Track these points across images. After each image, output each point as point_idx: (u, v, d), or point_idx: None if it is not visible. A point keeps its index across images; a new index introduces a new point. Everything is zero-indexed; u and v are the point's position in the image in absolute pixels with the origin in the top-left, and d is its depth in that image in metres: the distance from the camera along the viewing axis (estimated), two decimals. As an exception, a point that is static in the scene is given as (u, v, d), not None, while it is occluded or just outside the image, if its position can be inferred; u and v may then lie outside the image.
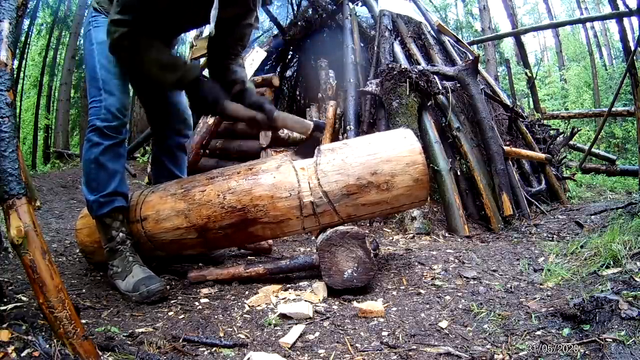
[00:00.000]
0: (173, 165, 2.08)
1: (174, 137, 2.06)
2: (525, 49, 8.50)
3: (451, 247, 2.33)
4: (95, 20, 1.76)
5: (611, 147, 11.54)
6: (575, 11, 18.68)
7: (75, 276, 1.84)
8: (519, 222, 3.02)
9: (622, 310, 1.08)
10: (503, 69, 13.97)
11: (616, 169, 6.50)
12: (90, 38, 1.75)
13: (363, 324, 1.32)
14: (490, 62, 10.50)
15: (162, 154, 2.08)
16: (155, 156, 2.12)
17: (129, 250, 1.68)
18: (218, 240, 1.75)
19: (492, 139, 3.24)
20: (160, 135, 2.07)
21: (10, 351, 1.00)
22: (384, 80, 3.24)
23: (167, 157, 2.08)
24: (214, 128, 3.98)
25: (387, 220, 2.95)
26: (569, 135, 4.99)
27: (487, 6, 11.00)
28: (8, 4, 1.16)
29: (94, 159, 1.64)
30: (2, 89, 1.08)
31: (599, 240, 1.79)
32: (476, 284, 1.62)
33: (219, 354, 1.14)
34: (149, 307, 1.50)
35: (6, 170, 1.04)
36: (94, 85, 1.68)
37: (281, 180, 1.66)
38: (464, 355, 1.08)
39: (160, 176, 2.06)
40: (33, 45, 14.08)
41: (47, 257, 1.03)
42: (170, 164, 2.08)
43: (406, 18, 4.19)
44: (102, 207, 1.65)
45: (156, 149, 2.10)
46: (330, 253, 1.56)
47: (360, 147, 1.72)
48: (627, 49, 3.74)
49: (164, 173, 2.05)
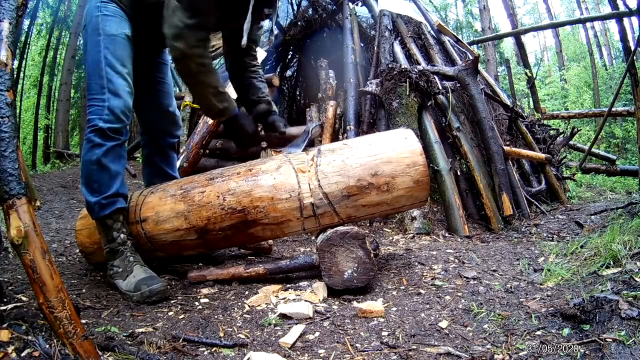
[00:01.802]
0: (165, 165, 2.11)
1: (166, 138, 2.09)
2: (525, 49, 8.50)
3: (451, 247, 2.33)
4: (105, 7, 1.68)
5: (611, 147, 11.54)
6: (575, 11, 18.70)
7: (75, 276, 1.84)
8: (519, 222, 3.02)
9: (622, 310, 1.08)
10: (503, 69, 13.97)
11: (616, 169, 6.50)
12: (97, 27, 1.66)
13: (363, 324, 1.32)
14: (490, 62, 10.50)
15: (154, 155, 2.09)
16: (147, 157, 2.13)
17: (129, 250, 1.68)
18: (218, 242, 1.75)
19: (492, 139, 3.24)
20: (153, 136, 2.09)
21: (10, 351, 1.00)
22: (384, 80, 3.24)
23: (160, 157, 2.10)
24: (213, 128, 3.98)
25: (387, 220, 2.95)
26: (569, 135, 4.99)
27: (487, 6, 11.01)
28: (8, 4, 1.16)
29: (95, 160, 1.62)
30: (2, 89, 1.08)
31: (599, 240, 1.79)
32: (476, 284, 1.62)
33: (219, 354, 1.14)
34: (149, 307, 1.50)
35: (6, 170, 1.04)
36: (97, 82, 1.63)
37: (281, 181, 1.66)
38: (464, 355, 1.08)
39: (153, 176, 2.07)
40: (33, 45, 14.06)
41: (47, 257, 1.03)
42: (162, 164, 2.10)
43: (406, 18, 4.19)
44: (104, 209, 1.64)
45: (148, 150, 2.11)
46: (331, 253, 1.56)
47: (360, 147, 1.71)
48: (627, 49, 3.73)
49: (157, 173, 2.07)
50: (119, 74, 1.65)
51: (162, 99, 2.03)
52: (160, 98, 2.02)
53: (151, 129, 2.08)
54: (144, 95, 2.00)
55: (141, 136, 2.13)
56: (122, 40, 1.69)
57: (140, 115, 2.07)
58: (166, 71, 2.06)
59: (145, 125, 2.09)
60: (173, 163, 2.16)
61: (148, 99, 2.01)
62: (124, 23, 1.72)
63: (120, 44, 1.68)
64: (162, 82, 2.03)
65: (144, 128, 2.10)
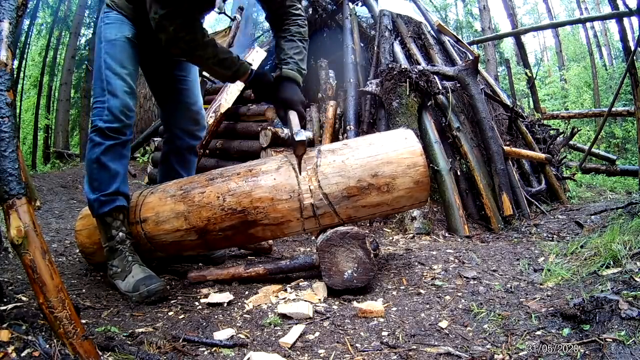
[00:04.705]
0: (181, 168, 2.06)
1: (185, 139, 2.03)
2: (525, 49, 8.50)
3: (451, 247, 2.33)
4: (106, 17, 1.76)
5: (611, 147, 11.55)
6: (575, 11, 18.69)
7: (75, 276, 1.83)
8: (519, 222, 3.02)
9: (622, 310, 1.08)
10: (503, 69, 13.97)
11: (616, 169, 6.50)
12: (100, 35, 1.75)
13: (363, 324, 1.32)
14: (490, 62, 10.51)
15: (171, 155, 2.06)
16: (163, 155, 2.10)
17: (128, 249, 1.68)
18: (218, 242, 1.75)
19: (492, 139, 3.24)
20: (172, 135, 2.05)
21: (10, 351, 1.00)
22: (384, 80, 3.24)
23: (176, 159, 2.06)
24: (213, 128, 3.98)
25: (387, 220, 2.95)
26: (569, 135, 4.99)
27: (487, 6, 11.02)
28: (8, 4, 1.16)
29: (95, 159, 1.65)
30: (2, 89, 1.08)
31: (599, 240, 1.79)
32: (476, 284, 1.62)
33: (219, 354, 1.14)
34: (149, 307, 1.50)
35: (6, 170, 1.04)
36: (99, 85, 1.69)
37: (281, 181, 1.66)
38: (464, 355, 1.08)
39: (166, 177, 2.02)
40: (33, 45, 14.08)
41: (47, 257, 1.03)
42: (178, 166, 2.05)
43: (406, 18, 4.19)
44: (104, 206, 1.65)
45: (166, 148, 2.08)
46: (331, 253, 1.56)
47: (360, 148, 1.71)
48: (627, 49, 3.74)
49: (170, 174, 2.02)
50: (117, 75, 1.68)
51: (184, 97, 1.99)
52: (181, 96, 1.99)
53: (171, 128, 2.04)
54: (164, 93, 2.00)
55: (162, 134, 2.12)
56: (121, 43, 1.72)
57: (162, 113, 2.07)
58: (188, 68, 2.01)
59: (166, 124, 2.07)
60: (190, 167, 2.10)
61: (168, 98, 2.00)
62: (124, 27, 1.75)
63: (119, 47, 1.72)
64: (183, 79, 1.99)
65: (165, 126, 2.08)
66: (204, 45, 1.65)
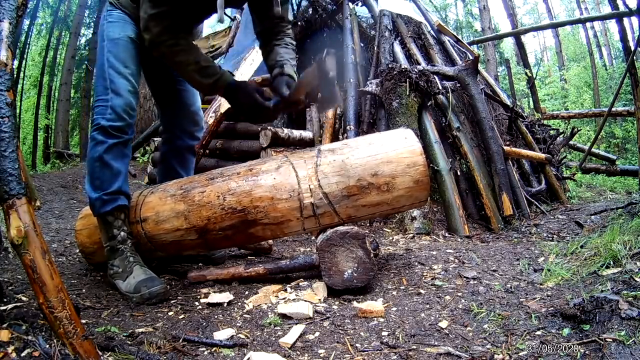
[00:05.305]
0: (180, 167, 2.07)
1: (185, 139, 2.05)
2: (525, 49, 8.51)
3: (451, 247, 2.33)
4: (110, 15, 1.76)
5: (611, 147, 11.56)
6: (575, 11, 18.70)
7: (75, 276, 1.83)
8: (519, 222, 3.02)
9: (622, 310, 1.08)
10: (503, 69, 13.98)
11: (616, 169, 6.51)
12: (103, 34, 1.75)
13: (363, 324, 1.32)
14: (490, 62, 10.51)
15: (170, 154, 2.07)
16: (162, 155, 2.11)
17: (129, 249, 1.68)
18: (218, 241, 1.75)
19: (492, 139, 3.24)
20: (171, 135, 2.06)
21: (10, 351, 1.00)
22: (384, 80, 3.24)
23: (176, 158, 2.07)
24: (213, 128, 3.98)
25: (387, 220, 2.95)
26: (569, 135, 4.99)
27: (487, 6, 11.02)
28: (8, 4, 1.16)
29: (97, 157, 1.65)
30: (2, 89, 1.08)
31: (599, 240, 1.79)
32: (476, 284, 1.62)
33: (219, 354, 1.14)
34: (149, 307, 1.50)
35: (6, 170, 1.04)
36: (101, 84, 1.69)
37: (281, 181, 1.66)
38: (464, 355, 1.08)
39: (166, 176, 2.03)
40: (33, 45, 14.08)
41: (47, 257, 1.03)
42: (177, 166, 2.07)
43: (406, 18, 4.19)
44: (105, 205, 1.65)
45: (165, 148, 2.09)
46: (331, 253, 1.56)
47: (360, 147, 1.71)
48: (627, 49, 3.74)
49: (170, 173, 2.03)
50: (121, 74, 1.69)
51: (183, 98, 2.01)
52: (180, 97, 2.00)
53: (170, 128, 2.06)
54: (163, 94, 2.00)
55: (161, 135, 2.13)
56: (124, 43, 1.73)
57: (161, 114, 2.08)
58: None
59: (165, 124, 2.08)
60: (189, 166, 2.11)
61: (167, 98, 2.01)
62: (127, 26, 1.75)
63: (122, 46, 1.72)
64: (182, 80, 1.99)
65: (164, 127, 2.09)
66: (186, 52, 1.64)
